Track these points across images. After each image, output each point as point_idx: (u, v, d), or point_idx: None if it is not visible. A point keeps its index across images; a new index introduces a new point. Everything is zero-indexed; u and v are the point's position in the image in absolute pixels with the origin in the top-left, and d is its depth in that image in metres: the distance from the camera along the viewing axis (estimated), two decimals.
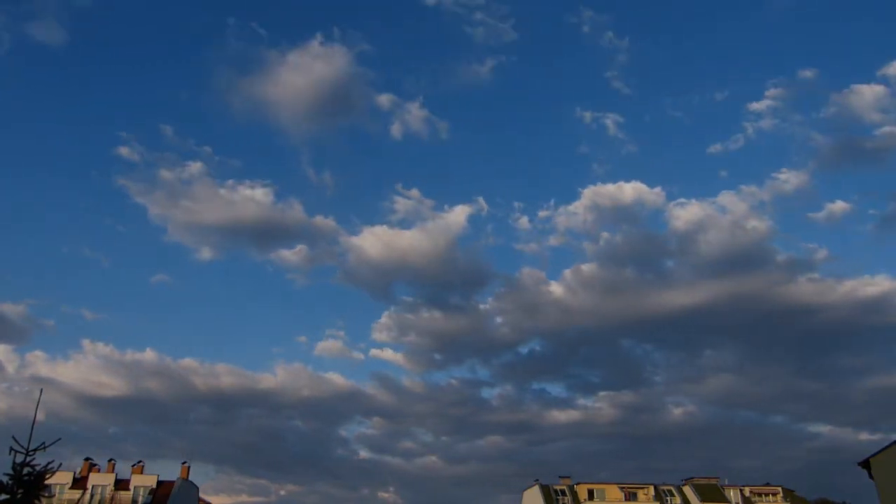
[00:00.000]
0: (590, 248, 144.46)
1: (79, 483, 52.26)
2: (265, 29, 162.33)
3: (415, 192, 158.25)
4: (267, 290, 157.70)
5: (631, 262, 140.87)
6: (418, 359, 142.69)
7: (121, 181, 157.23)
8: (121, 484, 53.15)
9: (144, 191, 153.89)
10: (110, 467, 54.71)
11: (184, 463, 57.40)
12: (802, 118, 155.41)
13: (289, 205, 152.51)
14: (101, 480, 52.73)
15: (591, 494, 65.70)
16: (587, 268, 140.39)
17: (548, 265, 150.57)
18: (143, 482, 53.42)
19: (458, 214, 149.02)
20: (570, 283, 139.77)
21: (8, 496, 16.08)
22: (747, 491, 68.53)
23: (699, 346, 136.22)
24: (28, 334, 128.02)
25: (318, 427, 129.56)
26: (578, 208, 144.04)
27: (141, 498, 52.48)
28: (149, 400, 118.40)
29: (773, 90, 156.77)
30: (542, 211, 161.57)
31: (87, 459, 55.22)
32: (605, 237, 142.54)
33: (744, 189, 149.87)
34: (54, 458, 17.08)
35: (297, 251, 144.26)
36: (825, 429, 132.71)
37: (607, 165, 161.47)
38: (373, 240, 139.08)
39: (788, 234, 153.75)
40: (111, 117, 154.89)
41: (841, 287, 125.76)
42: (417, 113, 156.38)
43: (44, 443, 16.62)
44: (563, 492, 66.01)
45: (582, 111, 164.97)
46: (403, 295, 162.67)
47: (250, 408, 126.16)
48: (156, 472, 55.29)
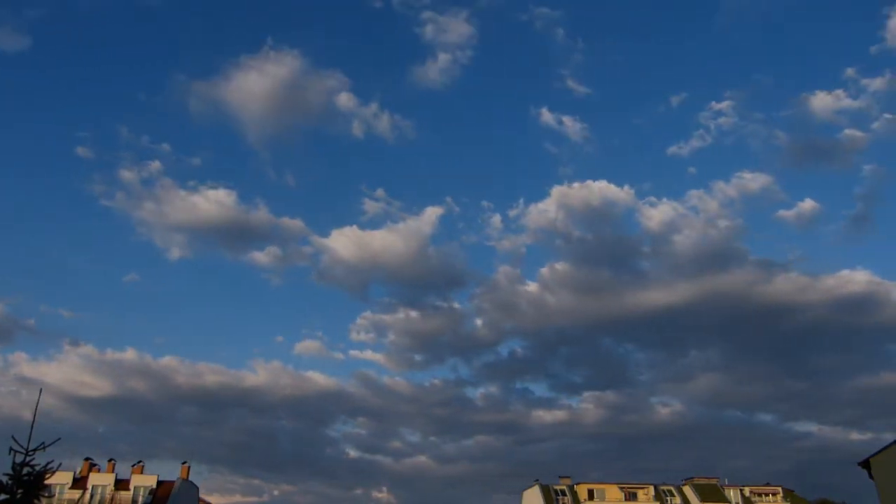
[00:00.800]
0: (563, 247, 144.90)
1: (79, 483, 52.23)
2: (220, 33, 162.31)
3: (381, 193, 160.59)
4: (241, 291, 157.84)
5: (605, 261, 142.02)
6: (399, 359, 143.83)
7: (85, 181, 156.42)
8: (121, 484, 53.13)
9: (107, 191, 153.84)
10: (110, 467, 54.68)
11: (184, 463, 57.42)
12: (764, 119, 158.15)
13: (253, 206, 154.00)
14: (101, 480, 52.71)
15: (591, 494, 65.71)
16: (561, 267, 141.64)
17: (522, 264, 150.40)
18: (143, 482, 53.39)
19: (429, 215, 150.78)
20: (547, 282, 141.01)
21: (8, 496, 16.08)
22: (747, 491, 68.54)
23: (682, 346, 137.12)
24: (10, 335, 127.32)
25: (306, 426, 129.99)
26: (549, 207, 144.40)
27: (141, 498, 52.46)
28: (135, 400, 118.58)
29: (733, 92, 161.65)
30: (512, 210, 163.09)
31: (87, 459, 55.20)
32: (578, 236, 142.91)
33: (712, 188, 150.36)
34: (54, 459, 17.10)
35: (268, 252, 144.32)
36: (814, 428, 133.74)
37: (572, 165, 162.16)
38: (345, 241, 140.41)
39: (759, 234, 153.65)
40: (73, 118, 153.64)
41: (819, 285, 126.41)
42: (378, 114, 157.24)
43: (43, 443, 16.62)
44: (563, 492, 66.01)
45: (539, 110, 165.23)
46: (380, 296, 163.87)
47: (237, 407, 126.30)
48: (152, 473, 55.26)
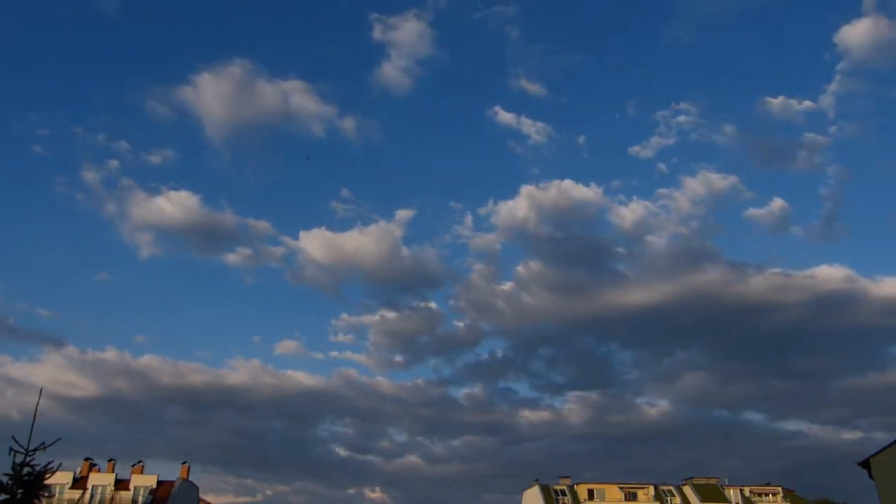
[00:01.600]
0: (536, 246, 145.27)
1: (79, 483, 52.26)
2: (179, 37, 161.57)
3: (347, 194, 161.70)
4: (214, 290, 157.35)
5: (580, 260, 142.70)
6: (379, 360, 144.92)
7: (47, 180, 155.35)
8: (121, 484, 53.14)
9: (69, 191, 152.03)
10: (110, 467, 54.68)
11: (184, 463, 57.43)
12: (725, 121, 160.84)
13: (219, 208, 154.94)
14: (101, 480, 52.73)
15: (591, 494, 65.71)
16: (536, 266, 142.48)
17: (497, 263, 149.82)
18: (143, 482, 53.40)
19: (399, 216, 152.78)
20: (523, 281, 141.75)
21: (8, 496, 16.08)
22: (747, 491, 68.56)
23: (665, 346, 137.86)
24: None
25: (293, 426, 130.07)
26: (519, 206, 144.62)
27: (141, 498, 52.46)
28: (120, 400, 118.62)
29: (692, 94, 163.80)
30: (482, 209, 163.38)
31: (87, 459, 55.20)
32: (550, 235, 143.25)
33: (680, 188, 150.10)
34: (54, 459, 17.09)
35: (239, 253, 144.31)
36: (804, 427, 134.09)
37: (538, 165, 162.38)
38: (315, 242, 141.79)
39: (731, 233, 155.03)
40: (33, 116, 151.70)
41: (797, 284, 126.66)
42: (340, 116, 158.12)
43: (43, 443, 16.61)
44: (563, 492, 66.01)
45: (497, 111, 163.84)
46: (355, 297, 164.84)
47: (222, 407, 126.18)
48: (150, 473, 55.22)
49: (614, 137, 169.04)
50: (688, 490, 67.63)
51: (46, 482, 16.88)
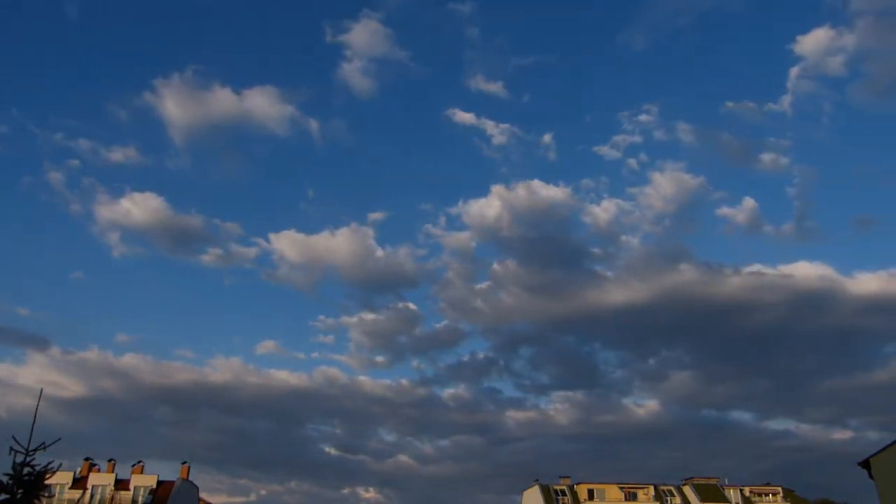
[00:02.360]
0: (511, 246, 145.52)
1: (79, 483, 52.26)
2: (140, 43, 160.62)
3: (312, 194, 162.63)
4: (190, 290, 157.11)
5: (555, 260, 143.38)
6: (361, 360, 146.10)
7: (14, 180, 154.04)
8: (121, 484, 53.14)
9: (33, 192, 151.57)
10: (110, 467, 54.67)
11: (184, 463, 57.44)
12: (691, 122, 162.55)
13: (185, 209, 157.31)
14: (101, 480, 52.73)
15: (591, 494, 65.70)
16: (512, 265, 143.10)
17: (472, 264, 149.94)
18: (143, 482, 53.40)
19: (371, 217, 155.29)
20: (500, 281, 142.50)
21: (8, 496, 16.08)
22: (747, 491, 68.57)
23: (649, 345, 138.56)
24: None
25: (282, 426, 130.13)
26: (491, 206, 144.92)
27: (141, 498, 52.46)
28: (107, 399, 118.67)
29: (657, 96, 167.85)
30: (453, 208, 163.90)
31: (87, 459, 55.19)
32: (524, 234, 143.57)
33: (650, 188, 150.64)
34: (54, 459, 17.09)
35: (212, 254, 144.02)
36: (792, 426, 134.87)
37: (506, 165, 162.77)
38: (288, 243, 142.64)
39: (704, 233, 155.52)
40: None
41: (775, 283, 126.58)
42: (305, 118, 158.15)
43: (43, 443, 16.61)
44: (563, 492, 66.00)
45: (459, 112, 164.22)
46: (334, 298, 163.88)
47: (209, 406, 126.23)
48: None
49: (579, 137, 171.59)
50: (688, 490, 67.63)
51: (46, 482, 16.87)
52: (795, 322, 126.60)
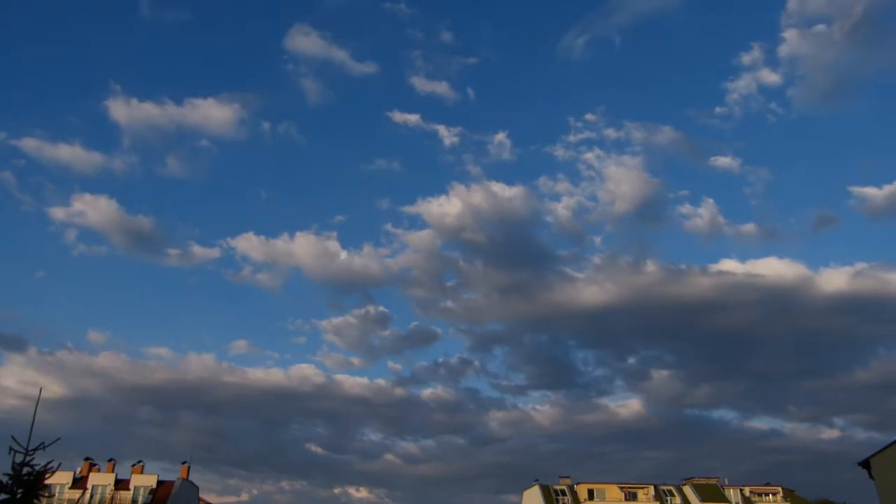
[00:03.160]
0: (474, 247, 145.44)
1: (79, 483, 52.27)
2: (90, 51, 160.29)
3: (265, 196, 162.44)
4: (155, 290, 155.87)
5: (521, 260, 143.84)
6: (337, 360, 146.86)
7: None
8: (121, 484, 53.14)
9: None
10: (110, 467, 54.69)
11: (184, 463, 57.45)
12: (640, 122, 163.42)
13: (138, 210, 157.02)
14: (101, 480, 52.73)
15: (591, 494, 65.71)
16: (479, 266, 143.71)
17: (438, 264, 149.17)
18: (143, 482, 53.40)
19: (332, 218, 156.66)
20: (467, 281, 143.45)
21: (8, 496, 16.07)
22: (747, 491, 68.60)
23: (626, 344, 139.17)
24: None
25: (265, 426, 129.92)
26: (451, 206, 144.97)
27: (141, 498, 52.46)
28: (90, 399, 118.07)
29: (602, 99, 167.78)
30: (409, 207, 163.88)
31: (87, 459, 55.21)
32: (487, 235, 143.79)
33: (607, 189, 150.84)
34: (53, 458, 17.08)
35: (174, 254, 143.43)
36: (777, 426, 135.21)
37: (459, 167, 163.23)
38: (249, 245, 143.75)
39: (666, 232, 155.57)
40: None
41: (747, 282, 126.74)
42: (256, 120, 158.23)
43: (43, 443, 16.60)
44: (563, 492, 66.03)
45: (403, 114, 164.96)
46: (303, 299, 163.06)
47: (192, 407, 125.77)
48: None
49: (532, 136, 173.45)
50: (688, 490, 67.64)
51: (46, 482, 16.85)
52: (770, 320, 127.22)
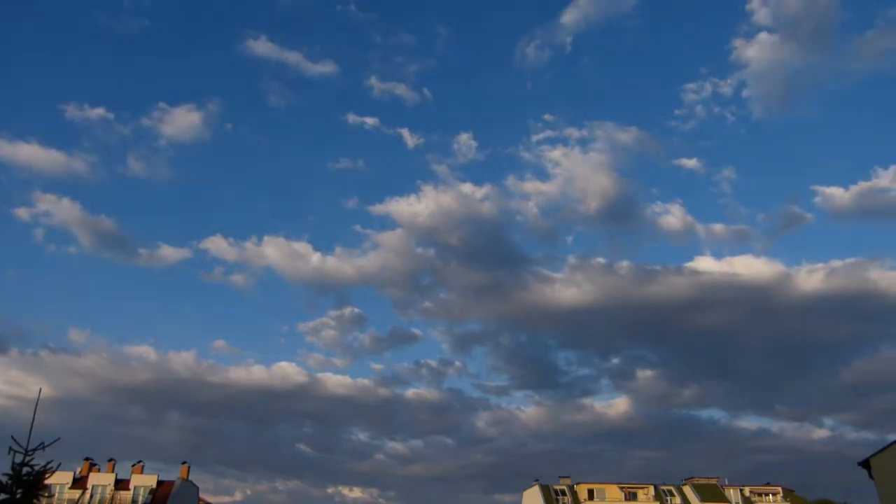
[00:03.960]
0: (449, 248, 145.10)
1: (79, 483, 52.27)
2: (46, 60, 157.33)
3: (229, 196, 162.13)
4: (129, 289, 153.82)
5: (495, 260, 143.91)
6: (319, 361, 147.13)
7: None
8: (121, 484, 53.15)
9: None
10: (110, 467, 54.69)
11: (184, 463, 57.47)
12: (602, 122, 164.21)
13: (102, 211, 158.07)
14: (101, 480, 52.73)
15: (591, 494, 65.71)
16: (455, 266, 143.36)
17: (414, 264, 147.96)
18: (143, 482, 53.40)
19: (301, 219, 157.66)
20: (443, 282, 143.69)
21: (8, 496, 16.08)
22: (747, 491, 68.59)
23: (609, 344, 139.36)
24: None
25: (253, 426, 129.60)
26: (422, 206, 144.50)
27: (141, 498, 52.46)
28: (76, 399, 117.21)
29: (564, 100, 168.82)
30: (377, 206, 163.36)
31: (87, 459, 55.20)
32: (459, 235, 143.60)
33: (575, 189, 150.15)
34: (53, 458, 17.08)
35: (146, 255, 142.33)
36: (766, 425, 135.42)
37: (425, 164, 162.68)
38: (219, 247, 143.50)
39: (639, 232, 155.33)
40: None
41: (725, 282, 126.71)
42: (221, 125, 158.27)
43: (42, 443, 16.61)
44: (563, 492, 66.03)
45: (354, 115, 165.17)
46: (280, 301, 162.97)
47: (178, 407, 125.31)
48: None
49: (495, 137, 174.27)
50: (688, 490, 67.65)
51: (46, 482, 16.86)
52: (750, 320, 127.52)
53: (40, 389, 17.98)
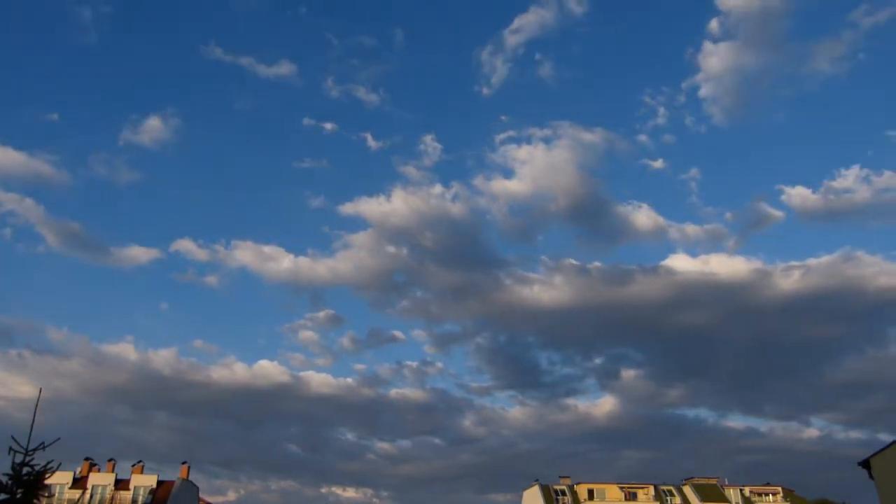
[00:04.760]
0: (422, 248, 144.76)
1: (79, 483, 52.28)
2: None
3: (198, 199, 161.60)
4: (109, 290, 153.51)
5: (470, 260, 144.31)
6: (301, 362, 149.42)
7: None
8: (121, 484, 53.16)
9: None
10: (110, 467, 54.71)
11: (184, 463, 57.48)
12: (567, 122, 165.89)
13: (65, 213, 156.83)
14: (101, 480, 52.74)
15: (591, 494, 65.73)
16: (431, 267, 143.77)
17: (388, 264, 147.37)
18: (143, 482, 53.41)
19: (272, 222, 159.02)
20: (420, 283, 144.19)
21: (8, 496, 16.08)
22: (747, 491, 68.62)
23: (591, 344, 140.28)
24: None
25: (241, 426, 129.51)
26: (392, 206, 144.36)
27: (141, 498, 52.48)
28: (61, 399, 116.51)
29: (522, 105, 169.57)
30: (346, 205, 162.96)
31: (87, 459, 55.22)
32: (433, 237, 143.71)
33: (552, 184, 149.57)
34: (53, 458, 17.08)
35: (118, 255, 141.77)
36: (754, 424, 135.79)
37: (388, 165, 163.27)
38: (189, 249, 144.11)
39: (614, 232, 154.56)
40: None
41: (706, 281, 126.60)
42: (182, 129, 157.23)
43: (43, 443, 16.60)
44: (563, 492, 66.05)
45: (309, 121, 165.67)
46: (256, 302, 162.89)
47: (166, 406, 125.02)
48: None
49: (459, 137, 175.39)
50: (688, 490, 67.67)
51: (46, 482, 16.86)
52: (730, 318, 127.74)
53: (40, 389, 17.97)
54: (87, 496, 51.21)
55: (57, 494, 48.65)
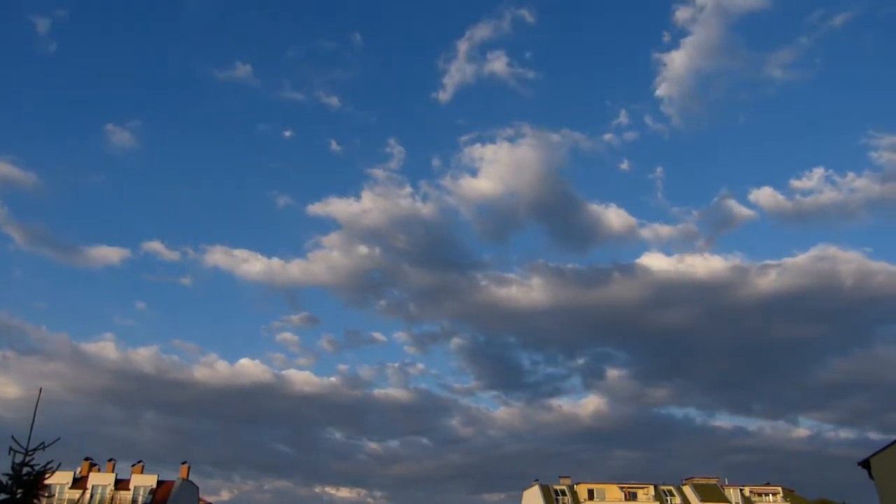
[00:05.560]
0: (396, 249, 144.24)
1: (79, 483, 52.29)
2: None
3: (168, 200, 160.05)
4: (82, 289, 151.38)
5: (447, 261, 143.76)
6: (283, 362, 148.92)
7: None
8: (121, 484, 53.17)
9: None
10: (110, 467, 54.74)
11: (183, 463, 57.50)
12: (532, 124, 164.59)
13: (28, 214, 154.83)
14: (101, 480, 52.75)
15: (591, 494, 65.73)
16: (407, 268, 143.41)
17: (364, 265, 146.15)
18: (143, 482, 53.42)
19: (244, 224, 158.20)
20: (396, 283, 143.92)
21: (8, 496, 16.08)
22: (747, 491, 68.64)
23: (572, 345, 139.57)
24: None
25: (231, 425, 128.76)
26: (362, 207, 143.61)
27: (141, 498, 52.48)
28: (49, 398, 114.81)
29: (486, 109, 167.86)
30: (316, 204, 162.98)
31: (87, 459, 55.23)
32: (407, 238, 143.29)
33: (520, 184, 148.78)
34: (53, 458, 17.07)
35: (87, 255, 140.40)
36: (742, 424, 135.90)
37: (366, 168, 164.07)
38: (160, 251, 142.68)
39: (587, 233, 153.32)
40: None
41: (685, 281, 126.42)
42: (146, 129, 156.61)
43: (43, 443, 16.60)
44: (563, 492, 66.06)
45: (267, 126, 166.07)
46: (231, 303, 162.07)
47: (156, 406, 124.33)
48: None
49: (424, 139, 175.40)
50: (688, 490, 67.67)
51: (46, 482, 16.86)
52: (712, 317, 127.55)
53: (40, 390, 17.97)
54: (87, 496, 51.21)
55: (57, 494, 48.64)
